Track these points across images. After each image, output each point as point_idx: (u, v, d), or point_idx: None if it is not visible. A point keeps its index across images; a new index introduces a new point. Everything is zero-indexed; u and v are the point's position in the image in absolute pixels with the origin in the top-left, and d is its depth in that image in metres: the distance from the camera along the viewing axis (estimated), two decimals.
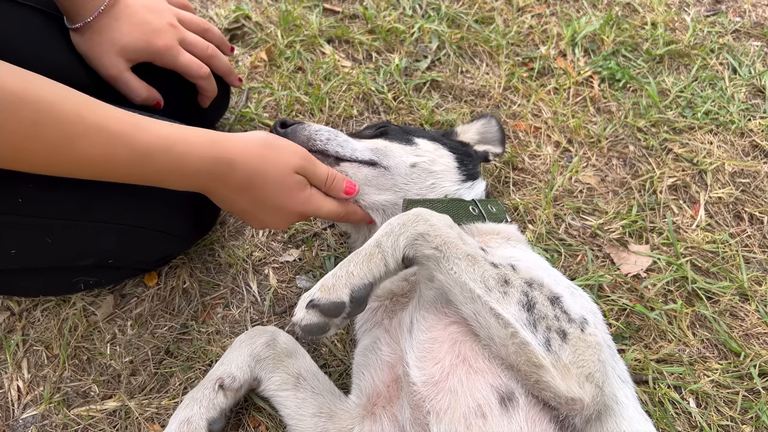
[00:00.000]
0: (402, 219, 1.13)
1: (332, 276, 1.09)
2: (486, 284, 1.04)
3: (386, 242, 1.10)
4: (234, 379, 1.29)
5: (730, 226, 1.79)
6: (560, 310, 1.03)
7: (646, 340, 1.57)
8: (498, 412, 1.00)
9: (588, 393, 0.97)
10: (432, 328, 1.11)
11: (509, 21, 2.23)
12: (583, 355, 0.99)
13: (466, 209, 1.38)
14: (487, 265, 1.07)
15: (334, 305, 1.06)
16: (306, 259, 1.69)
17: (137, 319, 1.58)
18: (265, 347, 1.33)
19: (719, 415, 1.46)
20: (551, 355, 0.98)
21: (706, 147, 1.94)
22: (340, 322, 1.09)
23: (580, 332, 1.01)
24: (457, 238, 1.10)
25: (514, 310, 1.01)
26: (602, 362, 1.01)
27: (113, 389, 1.49)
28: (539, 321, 1.01)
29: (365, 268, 1.08)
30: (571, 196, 1.84)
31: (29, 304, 1.60)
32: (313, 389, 1.32)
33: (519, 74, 2.09)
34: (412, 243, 1.10)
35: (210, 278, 1.65)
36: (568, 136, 1.96)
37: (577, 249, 1.72)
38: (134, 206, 1.44)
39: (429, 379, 1.07)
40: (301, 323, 1.07)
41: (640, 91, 2.07)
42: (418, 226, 1.11)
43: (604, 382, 1.00)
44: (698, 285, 1.64)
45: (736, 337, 1.57)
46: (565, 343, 0.99)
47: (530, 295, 1.04)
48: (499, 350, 1.02)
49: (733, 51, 2.18)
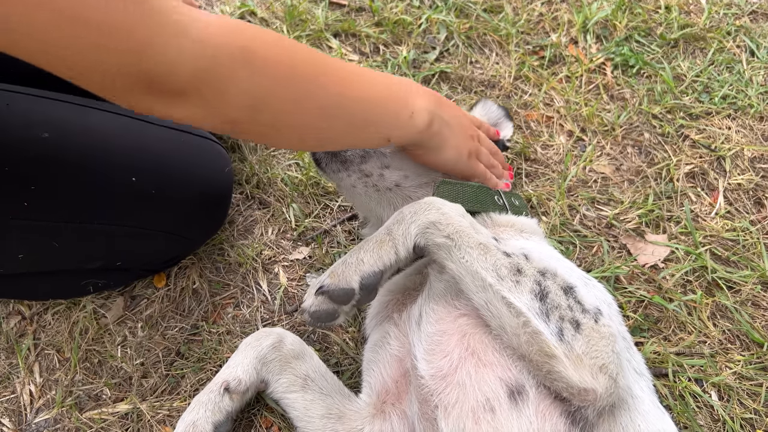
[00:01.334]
0: (413, 207, 1.11)
1: (342, 263, 1.08)
2: (498, 273, 1.02)
3: (397, 230, 1.09)
4: (240, 382, 1.27)
5: (750, 213, 1.74)
6: (574, 300, 1.01)
7: (666, 332, 1.53)
8: (507, 406, 0.97)
9: (601, 384, 0.95)
10: (441, 321, 1.09)
11: (519, 9, 2.19)
12: (596, 346, 0.96)
13: (492, 198, 1.35)
14: (500, 254, 1.04)
15: (344, 292, 1.05)
16: (316, 256, 1.66)
17: (147, 320, 1.57)
18: (271, 349, 1.31)
19: (742, 407, 1.42)
20: (564, 344, 0.96)
21: (724, 132, 1.89)
22: (350, 310, 1.08)
23: (594, 323, 0.99)
24: (470, 227, 1.08)
25: (526, 299, 0.99)
26: (616, 354, 0.98)
27: (125, 392, 1.48)
28: (552, 310, 0.98)
29: (375, 256, 1.08)
30: (585, 186, 1.80)
31: (40, 308, 1.59)
32: (321, 390, 1.30)
33: (530, 63, 2.05)
34: (424, 231, 1.08)
35: (220, 278, 1.63)
36: (582, 124, 1.92)
37: (592, 240, 1.68)
38: (141, 208, 1.43)
39: (437, 373, 1.04)
40: (311, 309, 1.06)
41: (654, 76, 2.02)
42: (430, 214, 1.09)
43: (618, 374, 0.97)
44: (718, 274, 1.60)
45: (759, 327, 1.53)
46: (579, 333, 0.97)
47: (543, 284, 1.01)
48: (511, 340, 1.00)
49: (750, 33, 2.12)
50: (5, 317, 1.59)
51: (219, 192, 1.58)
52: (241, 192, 1.77)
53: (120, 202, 1.42)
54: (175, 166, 1.46)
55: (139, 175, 1.41)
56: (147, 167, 1.42)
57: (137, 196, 1.42)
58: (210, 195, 1.55)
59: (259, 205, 1.76)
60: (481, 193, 1.34)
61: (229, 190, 1.63)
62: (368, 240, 1.11)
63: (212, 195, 1.56)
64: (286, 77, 0.95)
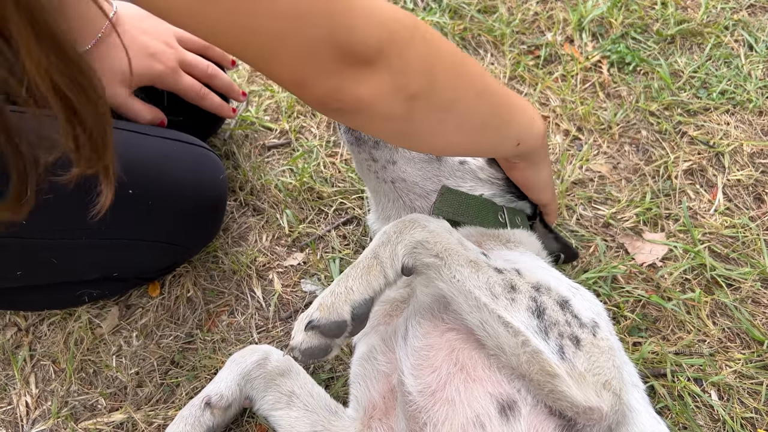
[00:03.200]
0: (398, 226, 1.07)
1: (330, 294, 1.03)
2: (492, 291, 0.99)
3: (384, 253, 1.05)
4: (221, 397, 1.27)
5: (750, 209, 1.72)
6: (571, 314, 0.98)
7: (664, 332, 1.51)
8: (498, 422, 0.95)
9: (606, 401, 0.92)
10: (428, 335, 1.07)
11: (513, 9, 2.18)
12: (598, 362, 0.94)
13: (495, 214, 1.33)
14: (491, 271, 1.01)
15: (336, 325, 1.00)
16: (310, 262, 1.66)
17: (142, 329, 1.57)
18: (255, 366, 1.31)
19: (743, 407, 1.40)
20: (565, 363, 0.93)
21: (723, 128, 1.87)
22: (342, 342, 1.03)
23: (593, 337, 0.97)
24: (458, 244, 1.05)
25: (523, 317, 0.96)
26: (617, 368, 0.96)
27: (120, 401, 1.48)
28: (551, 327, 0.96)
29: (364, 282, 1.02)
30: (582, 186, 1.78)
31: (36, 319, 1.60)
32: (306, 407, 1.29)
33: (525, 63, 2.04)
34: (411, 251, 1.04)
35: (214, 286, 1.63)
36: (578, 123, 1.91)
37: (589, 240, 1.67)
38: (138, 220, 1.43)
39: (425, 389, 1.02)
40: (301, 347, 1.00)
41: (651, 73, 2.00)
42: (416, 233, 1.05)
43: (621, 389, 0.95)
44: (717, 272, 1.58)
45: (759, 324, 1.50)
46: (579, 350, 0.94)
47: (539, 300, 0.99)
48: (510, 360, 0.97)
49: (748, 27, 2.10)
50: (1, 329, 1.59)
51: (214, 200, 1.57)
52: (235, 199, 1.76)
53: (118, 216, 1.41)
54: (171, 176, 1.46)
55: (136, 188, 1.41)
56: (143, 179, 1.42)
57: (135, 208, 1.42)
58: (205, 203, 1.55)
59: (254, 212, 1.75)
60: (485, 207, 1.32)
61: (224, 198, 1.63)
62: (354, 266, 1.06)
63: (207, 203, 1.56)
64: (448, 53, 0.96)
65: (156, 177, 1.42)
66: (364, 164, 1.37)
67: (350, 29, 0.82)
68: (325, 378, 1.47)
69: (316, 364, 1.49)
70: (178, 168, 1.47)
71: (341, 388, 1.42)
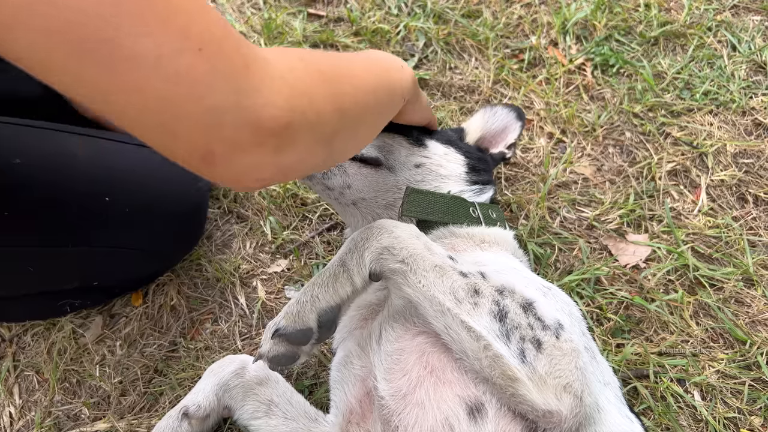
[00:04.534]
0: (365, 233, 1.07)
1: (297, 302, 1.04)
2: (456, 296, 0.98)
3: (350, 260, 1.05)
4: (199, 407, 1.27)
5: (733, 209, 1.72)
6: (534, 317, 0.98)
7: (647, 333, 1.51)
8: (466, 425, 0.95)
9: (566, 405, 0.92)
10: (400, 338, 1.07)
11: (498, 13, 2.18)
12: (559, 365, 0.94)
13: (467, 210, 1.32)
14: (456, 275, 1.01)
15: (301, 332, 1.01)
16: (294, 268, 1.66)
17: (126, 338, 1.57)
18: (233, 376, 1.31)
19: (725, 407, 1.40)
20: (526, 366, 0.93)
21: (706, 128, 1.87)
22: (310, 349, 1.04)
23: (555, 339, 0.96)
24: (424, 249, 1.05)
25: (485, 321, 0.96)
26: (580, 369, 0.95)
27: (103, 411, 1.48)
28: (512, 331, 0.95)
29: (331, 290, 1.03)
30: (566, 188, 1.78)
31: (19, 330, 1.60)
32: (285, 415, 1.29)
33: (509, 66, 2.04)
34: (378, 258, 1.04)
35: (198, 294, 1.63)
36: (562, 126, 1.91)
37: (572, 242, 1.67)
38: (116, 227, 1.43)
39: (397, 392, 1.02)
40: (269, 354, 1.02)
41: (635, 75, 2.00)
42: (383, 239, 1.05)
43: (583, 391, 0.94)
44: (701, 272, 1.58)
45: (742, 324, 1.50)
46: (540, 353, 0.94)
47: (501, 303, 0.98)
48: (473, 364, 0.97)
49: (731, 27, 2.10)
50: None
51: (194, 208, 1.58)
52: (218, 207, 1.76)
53: (94, 223, 1.42)
54: (149, 184, 1.47)
55: (113, 195, 1.41)
56: (120, 186, 1.42)
57: (111, 215, 1.42)
58: (185, 211, 1.55)
59: (237, 220, 1.75)
60: (454, 204, 1.32)
61: (205, 206, 1.63)
62: (322, 273, 1.07)
63: (187, 211, 1.56)
64: (337, 71, 0.93)
65: (133, 184, 1.42)
66: (323, 194, 1.37)
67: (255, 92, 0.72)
68: (309, 384, 1.47)
69: (300, 370, 1.49)
70: (157, 176, 1.47)
71: (324, 394, 1.42)
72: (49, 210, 1.36)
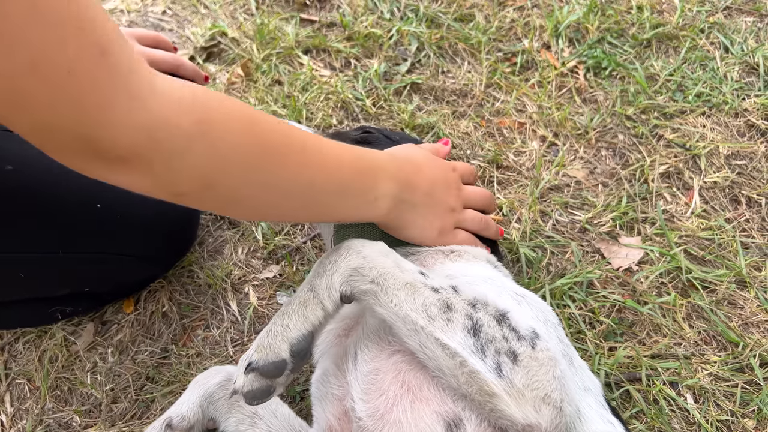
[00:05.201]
0: (333, 256, 1.05)
1: (267, 333, 0.99)
2: (428, 313, 0.96)
3: (319, 284, 1.01)
4: (183, 419, 1.26)
5: (726, 211, 1.71)
6: (508, 328, 0.96)
7: (640, 336, 1.51)
8: None
9: (545, 417, 0.90)
10: (375, 358, 1.05)
11: (490, 16, 2.19)
12: (536, 376, 0.92)
13: None
14: (428, 292, 0.99)
15: (274, 365, 0.96)
16: (286, 274, 1.65)
17: (118, 345, 1.57)
18: (218, 388, 1.30)
19: (718, 409, 1.39)
20: (503, 380, 0.90)
21: (699, 130, 1.87)
22: (286, 380, 1.00)
23: (531, 350, 0.94)
24: (394, 267, 1.02)
25: (459, 337, 0.94)
26: (558, 379, 0.94)
27: (95, 418, 1.48)
28: (487, 345, 0.93)
29: (301, 318, 0.99)
30: (558, 191, 1.78)
31: (11, 338, 1.59)
32: (269, 427, 1.28)
33: (501, 70, 2.04)
34: (348, 279, 1.01)
35: (189, 300, 1.63)
36: (554, 129, 1.91)
37: (564, 245, 1.66)
38: (107, 234, 1.43)
39: (375, 413, 1.01)
40: (243, 390, 0.97)
41: (627, 78, 2.00)
42: (351, 259, 1.02)
43: (563, 401, 0.93)
44: (693, 275, 1.57)
45: (735, 326, 1.50)
46: (517, 366, 0.92)
47: (475, 317, 0.96)
48: (450, 381, 0.95)
49: (724, 29, 2.10)
50: None
51: (186, 214, 1.58)
52: (210, 213, 1.76)
53: (85, 230, 1.42)
54: None
55: (104, 201, 1.41)
56: (111, 193, 1.42)
57: (103, 222, 1.42)
58: (177, 217, 1.55)
59: (229, 225, 1.75)
60: None
61: (197, 212, 1.63)
62: (291, 302, 1.02)
63: (179, 217, 1.56)
64: (245, 155, 0.88)
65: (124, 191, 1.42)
66: None
67: (98, 125, 0.71)
68: (300, 390, 1.47)
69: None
70: None
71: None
72: (39, 216, 1.36)
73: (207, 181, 0.85)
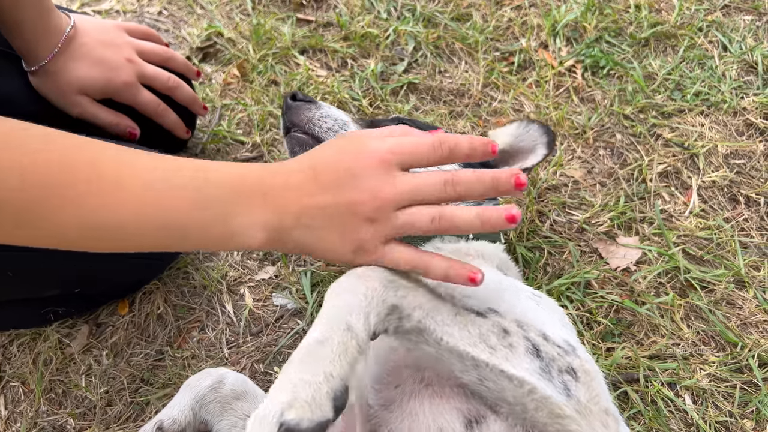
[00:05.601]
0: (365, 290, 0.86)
1: (307, 385, 0.72)
2: (487, 344, 0.86)
3: (357, 324, 0.81)
4: (174, 422, 1.25)
5: (725, 210, 1.70)
6: (553, 344, 0.89)
7: (638, 336, 1.50)
8: None
9: (612, 429, 0.86)
10: (394, 351, 1.04)
11: (487, 16, 2.17)
12: (593, 388, 0.87)
13: None
14: (478, 320, 0.89)
15: (319, 426, 0.70)
16: (282, 275, 1.64)
17: (113, 348, 1.56)
18: (210, 390, 1.28)
19: (717, 410, 1.38)
20: (572, 400, 0.84)
21: (697, 129, 1.85)
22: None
23: (579, 360, 0.89)
24: (433, 299, 0.90)
25: (525, 363, 0.85)
26: (605, 387, 0.91)
27: (89, 421, 1.47)
28: (550, 365, 0.86)
29: (344, 364, 0.76)
30: (555, 191, 1.77)
31: (5, 340, 1.58)
32: None
33: (499, 69, 2.03)
34: (385, 319, 0.87)
35: (184, 302, 1.62)
36: (552, 129, 1.89)
37: (562, 245, 1.65)
38: None
39: (387, 402, 1.00)
40: None
41: (625, 77, 1.99)
42: (388, 297, 0.87)
43: (616, 410, 0.90)
44: (692, 275, 1.56)
45: (733, 326, 1.49)
46: (578, 382, 0.86)
47: (529, 338, 0.88)
48: (513, 410, 0.87)
49: (722, 27, 2.09)
50: None
51: None
52: None
53: None
54: None
55: None
56: None
57: None
58: None
59: None
60: None
61: None
62: (322, 343, 0.78)
63: None
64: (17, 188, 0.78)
65: None
66: None
67: None
68: None
69: None
70: None
71: None
72: None
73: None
